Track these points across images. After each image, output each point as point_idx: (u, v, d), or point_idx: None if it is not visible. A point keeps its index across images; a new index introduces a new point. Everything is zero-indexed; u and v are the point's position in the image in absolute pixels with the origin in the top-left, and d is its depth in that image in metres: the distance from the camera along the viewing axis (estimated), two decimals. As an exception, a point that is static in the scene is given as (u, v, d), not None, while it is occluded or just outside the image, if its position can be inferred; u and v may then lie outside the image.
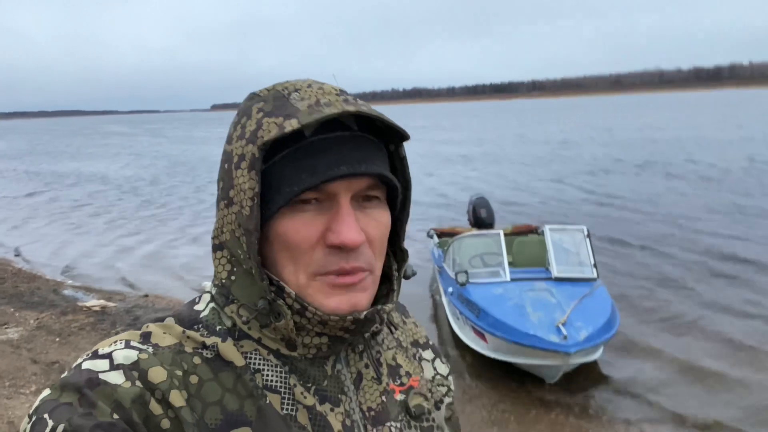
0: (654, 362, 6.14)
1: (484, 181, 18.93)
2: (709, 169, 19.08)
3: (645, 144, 29.10)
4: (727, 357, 6.18)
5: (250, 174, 0.63)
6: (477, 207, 8.50)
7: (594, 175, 19.31)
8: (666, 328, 6.98)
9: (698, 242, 10.47)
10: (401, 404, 0.77)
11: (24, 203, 18.19)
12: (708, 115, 55.97)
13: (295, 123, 0.61)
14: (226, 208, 0.68)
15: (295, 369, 0.69)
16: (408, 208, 0.75)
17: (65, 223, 14.81)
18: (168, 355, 0.65)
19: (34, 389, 5.12)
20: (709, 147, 25.89)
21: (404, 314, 0.91)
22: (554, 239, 6.46)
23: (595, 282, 6.03)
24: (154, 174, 25.27)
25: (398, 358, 0.81)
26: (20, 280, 9.37)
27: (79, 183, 22.84)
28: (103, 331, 6.89)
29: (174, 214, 15.64)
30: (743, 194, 14.73)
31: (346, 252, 0.65)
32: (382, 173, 0.66)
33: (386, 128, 0.68)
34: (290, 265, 0.66)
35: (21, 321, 7.14)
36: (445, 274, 7.08)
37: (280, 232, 0.65)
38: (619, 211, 13.45)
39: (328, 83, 0.71)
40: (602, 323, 5.34)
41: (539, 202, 15.08)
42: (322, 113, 0.61)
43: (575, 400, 5.43)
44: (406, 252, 0.77)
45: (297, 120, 0.62)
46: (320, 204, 0.65)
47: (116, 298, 8.40)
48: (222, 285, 0.71)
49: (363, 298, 0.67)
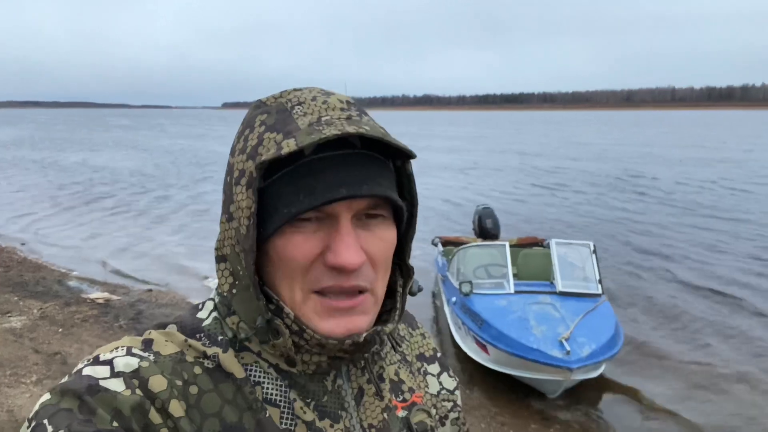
0: (655, 380, 6.09)
1: (467, 190, 18.89)
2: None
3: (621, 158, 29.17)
4: (732, 373, 6.14)
5: (248, 192, 0.63)
6: (483, 217, 8.49)
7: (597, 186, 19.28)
8: (668, 345, 6.93)
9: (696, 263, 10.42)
10: (403, 421, 0.76)
11: (30, 193, 18.30)
12: (704, 134, 55.68)
13: (293, 144, 0.60)
14: (228, 222, 0.68)
15: (295, 383, 0.69)
16: (414, 224, 0.73)
17: (70, 213, 14.88)
18: (169, 364, 0.64)
19: (34, 379, 5.14)
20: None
21: (411, 326, 0.89)
22: (560, 253, 6.43)
23: (600, 298, 5.99)
24: (163, 168, 25.41)
25: (401, 373, 0.80)
26: (25, 269, 9.42)
27: (87, 173, 22.96)
28: (105, 324, 6.91)
29: (180, 209, 15.69)
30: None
31: (346, 272, 0.64)
32: (385, 195, 0.64)
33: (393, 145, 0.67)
34: (287, 281, 0.65)
35: (25, 310, 7.17)
36: (448, 283, 7.06)
37: (279, 249, 0.64)
38: (602, 225, 13.40)
39: (336, 93, 0.69)
40: (606, 340, 5.31)
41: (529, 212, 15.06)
42: (321, 134, 0.60)
43: (575, 416, 5.39)
44: (411, 268, 0.75)
45: (295, 141, 0.60)
46: (320, 221, 0.64)
47: (120, 292, 8.42)
48: (224, 296, 0.70)
49: (361, 321, 0.66)
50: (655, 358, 6.59)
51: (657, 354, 6.71)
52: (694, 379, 6.11)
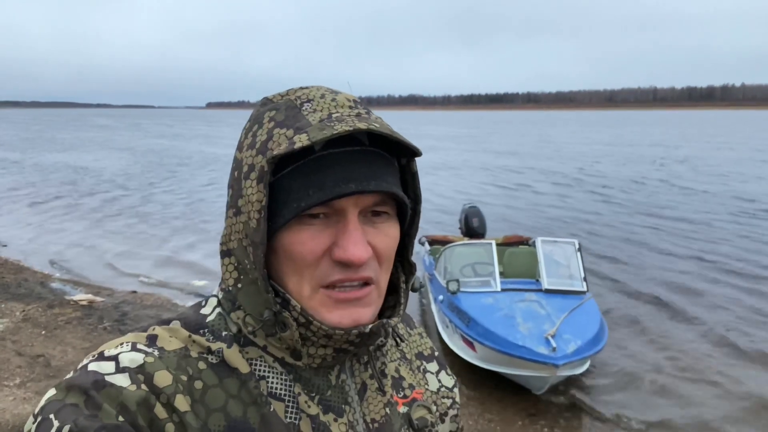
0: (642, 376, 6.16)
1: (455, 189, 19.00)
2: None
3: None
4: (714, 369, 6.24)
5: (259, 186, 0.63)
6: (469, 216, 8.53)
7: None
8: (650, 341, 7.02)
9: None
10: (404, 417, 0.77)
11: (5, 195, 17.99)
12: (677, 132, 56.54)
13: (305, 139, 0.61)
14: (235, 216, 0.68)
15: (299, 377, 0.70)
16: (417, 222, 0.74)
17: (50, 215, 14.66)
18: (173, 360, 0.65)
19: (18, 382, 5.06)
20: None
21: (409, 325, 0.90)
22: (545, 251, 6.48)
23: (585, 295, 6.06)
24: (144, 168, 25.15)
25: (402, 370, 0.82)
26: (7, 271, 9.27)
27: (66, 174, 22.62)
28: (89, 326, 6.82)
29: (165, 210, 15.54)
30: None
31: (353, 267, 0.65)
32: (392, 191, 0.65)
33: (397, 143, 0.68)
34: (295, 276, 0.66)
35: (7, 312, 7.06)
36: (435, 281, 7.09)
37: (287, 244, 0.65)
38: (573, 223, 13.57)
39: (342, 92, 0.70)
40: (591, 336, 5.37)
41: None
42: (332, 130, 0.61)
43: (561, 412, 5.44)
44: (414, 265, 0.76)
45: (307, 136, 0.61)
46: (327, 218, 0.65)
47: (104, 293, 8.32)
48: (228, 291, 0.71)
49: (366, 313, 0.67)
50: (641, 356, 6.67)
51: (642, 351, 6.80)
52: (678, 375, 6.19)
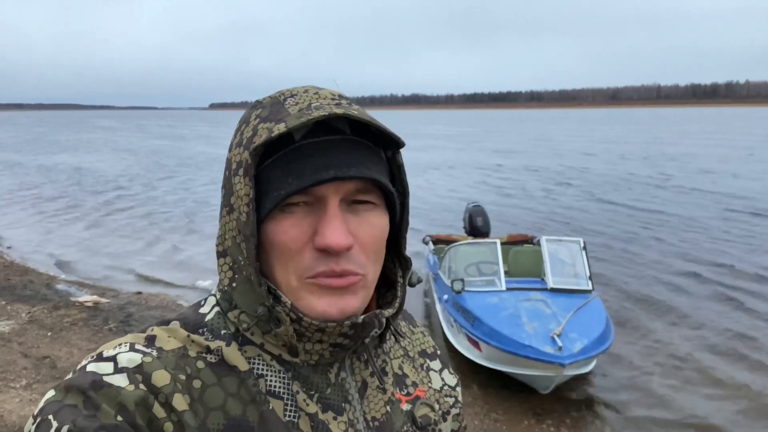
0: (647, 376, 6.14)
1: (458, 188, 18.99)
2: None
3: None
4: (724, 365, 6.21)
5: (245, 180, 0.64)
6: (473, 215, 8.52)
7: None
8: (653, 341, 6.99)
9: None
10: (407, 414, 0.77)
11: (10, 197, 18.09)
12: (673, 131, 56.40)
13: (283, 126, 0.62)
14: (228, 215, 0.68)
15: (298, 375, 0.69)
16: (407, 215, 0.74)
17: (55, 216, 14.73)
18: (172, 359, 0.65)
19: (24, 383, 5.08)
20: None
21: (412, 324, 0.90)
22: (550, 250, 6.47)
23: (591, 294, 6.03)
24: (148, 169, 25.23)
25: (405, 367, 0.81)
26: (12, 273, 9.32)
27: (70, 175, 22.73)
28: (95, 327, 6.85)
29: (169, 211, 15.59)
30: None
31: (336, 255, 0.64)
32: (373, 177, 0.65)
33: (382, 135, 0.68)
34: (282, 268, 0.66)
35: (13, 314, 7.09)
36: (440, 281, 7.08)
37: (270, 234, 0.65)
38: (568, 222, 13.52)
39: (327, 88, 0.71)
40: (597, 335, 5.34)
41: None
42: (309, 116, 0.61)
43: (567, 412, 5.42)
44: (409, 260, 0.76)
45: (284, 124, 0.62)
46: (309, 207, 0.65)
47: (109, 294, 8.35)
48: (224, 291, 0.71)
49: (353, 302, 0.66)
50: (647, 356, 6.65)
51: (648, 352, 6.77)
52: (687, 376, 6.17)
